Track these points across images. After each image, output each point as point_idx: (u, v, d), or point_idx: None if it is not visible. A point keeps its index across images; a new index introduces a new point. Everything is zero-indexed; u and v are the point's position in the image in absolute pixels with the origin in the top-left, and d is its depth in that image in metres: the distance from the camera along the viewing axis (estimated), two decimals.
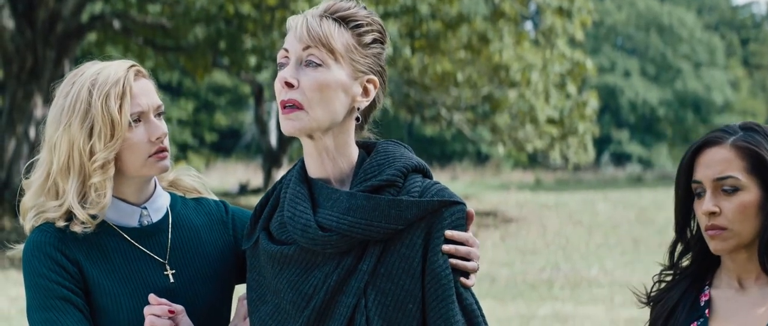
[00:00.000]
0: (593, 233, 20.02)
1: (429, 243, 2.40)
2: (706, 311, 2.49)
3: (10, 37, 18.72)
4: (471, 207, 2.48)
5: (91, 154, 2.54)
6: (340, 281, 2.39)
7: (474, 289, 2.47)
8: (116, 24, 19.97)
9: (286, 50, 2.44)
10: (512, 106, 20.47)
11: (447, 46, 19.70)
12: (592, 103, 20.63)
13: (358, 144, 2.53)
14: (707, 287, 2.54)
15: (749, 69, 57.68)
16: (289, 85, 2.41)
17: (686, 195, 2.54)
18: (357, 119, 2.48)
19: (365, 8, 2.47)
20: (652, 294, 2.61)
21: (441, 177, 36.95)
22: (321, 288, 2.39)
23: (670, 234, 2.64)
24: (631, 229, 20.14)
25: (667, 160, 51.01)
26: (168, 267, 2.64)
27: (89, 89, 2.54)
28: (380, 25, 2.49)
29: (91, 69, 2.59)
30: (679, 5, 55.12)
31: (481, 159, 46.63)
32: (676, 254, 2.59)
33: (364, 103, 2.47)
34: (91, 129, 2.53)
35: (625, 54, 54.43)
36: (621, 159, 50.32)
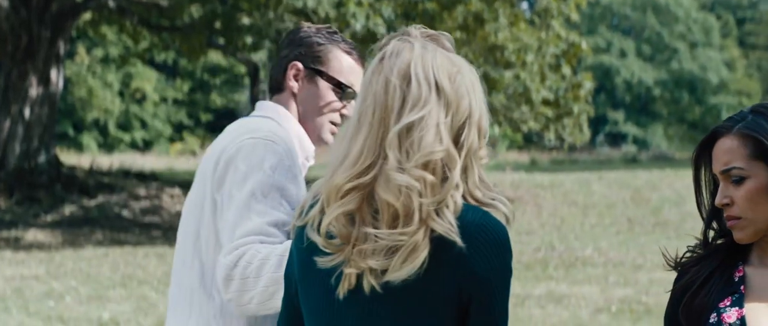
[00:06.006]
0: (588, 213, 20.04)
1: None
2: (742, 287, 2.45)
3: (5, 16, 18.65)
4: None
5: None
6: None
7: None
8: (111, 3, 19.89)
9: None
10: (508, 86, 20.45)
11: (443, 26, 19.66)
12: (587, 84, 20.63)
13: None
14: (741, 263, 2.50)
15: (745, 49, 57.66)
16: None
17: (707, 187, 2.51)
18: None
19: None
20: (683, 260, 2.57)
21: None
22: None
23: (665, 214, 2.63)
24: (625, 209, 20.16)
25: (662, 140, 51.04)
26: None
27: None
28: None
29: None
30: None
31: None
32: (710, 238, 2.54)
33: None
34: None
35: (621, 34, 54.38)
36: (616, 139, 50.37)
